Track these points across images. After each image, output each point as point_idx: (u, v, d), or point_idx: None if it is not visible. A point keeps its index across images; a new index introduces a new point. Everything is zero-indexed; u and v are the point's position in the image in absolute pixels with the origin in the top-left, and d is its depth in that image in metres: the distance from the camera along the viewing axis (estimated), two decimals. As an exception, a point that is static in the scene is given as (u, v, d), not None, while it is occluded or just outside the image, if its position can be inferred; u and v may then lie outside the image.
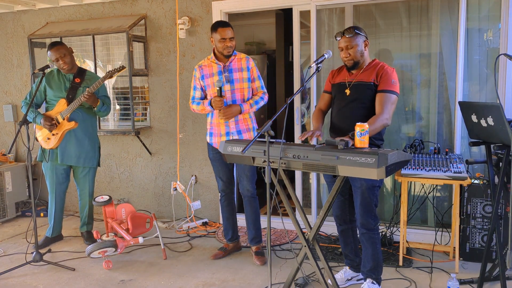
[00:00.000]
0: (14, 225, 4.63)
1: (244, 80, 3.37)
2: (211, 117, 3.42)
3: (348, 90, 2.79)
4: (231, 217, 3.62)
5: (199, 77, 3.38)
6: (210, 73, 3.36)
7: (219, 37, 3.26)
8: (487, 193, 3.25)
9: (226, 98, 3.31)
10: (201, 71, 3.38)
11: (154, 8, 4.45)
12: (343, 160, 2.20)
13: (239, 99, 3.35)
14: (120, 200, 4.80)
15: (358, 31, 2.73)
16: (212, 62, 3.37)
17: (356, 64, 2.77)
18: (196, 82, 3.41)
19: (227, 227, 3.63)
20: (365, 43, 2.76)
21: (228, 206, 3.60)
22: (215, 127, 3.41)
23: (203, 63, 3.41)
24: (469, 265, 3.31)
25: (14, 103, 5.15)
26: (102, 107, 3.77)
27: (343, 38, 2.74)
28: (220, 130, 3.39)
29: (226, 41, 3.26)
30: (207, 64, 3.38)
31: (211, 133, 3.44)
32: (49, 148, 3.78)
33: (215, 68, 3.35)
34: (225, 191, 3.56)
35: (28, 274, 3.40)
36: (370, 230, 2.76)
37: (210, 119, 3.43)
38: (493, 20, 3.52)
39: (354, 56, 2.74)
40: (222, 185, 3.55)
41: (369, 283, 2.82)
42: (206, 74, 3.37)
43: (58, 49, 3.68)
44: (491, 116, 2.46)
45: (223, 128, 3.38)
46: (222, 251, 3.62)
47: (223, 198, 3.59)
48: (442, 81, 3.73)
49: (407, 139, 3.88)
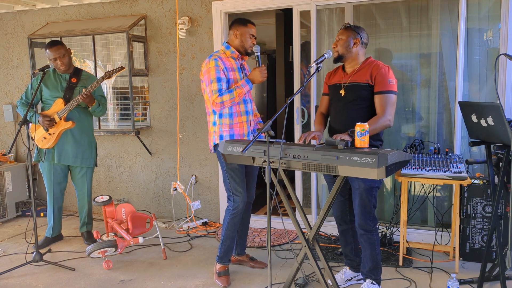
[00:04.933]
0: (14, 225, 4.63)
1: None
2: (229, 116, 3.02)
3: (342, 91, 2.79)
4: (235, 237, 3.22)
5: (223, 68, 2.98)
6: (231, 67, 3.04)
7: (249, 32, 3.07)
8: (487, 193, 3.25)
9: (247, 96, 3.11)
10: (223, 63, 3.00)
11: (154, 8, 4.45)
12: (343, 160, 2.20)
13: (251, 98, 3.19)
14: (120, 200, 4.80)
15: (353, 28, 2.77)
16: (229, 57, 3.08)
17: (340, 58, 2.79)
18: (221, 72, 2.96)
19: (230, 247, 3.19)
20: (356, 40, 2.75)
21: (238, 225, 3.15)
22: (237, 127, 3.04)
23: (222, 55, 3.05)
24: (469, 265, 3.31)
25: (14, 103, 5.15)
26: (98, 108, 3.77)
27: (340, 31, 2.81)
28: (243, 129, 3.06)
29: (253, 39, 3.10)
30: (224, 58, 3.05)
31: (232, 135, 3.03)
32: (45, 148, 3.77)
33: (234, 64, 3.08)
34: (244, 205, 3.08)
35: (28, 274, 3.40)
36: (369, 232, 2.75)
37: (230, 120, 3.02)
38: (493, 20, 3.52)
39: (339, 49, 2.77)
40: (243, 196, 3.05)
41: (368, 283, 2.82)
42: (229, 68, 3.03)
43: (58, 49, 3.68)
44: (491, 116, 2.46)
45: (245, 127, 3.09)
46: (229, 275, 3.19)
47: (238, 216, 3.08)
48: (442, 81, 3.73)
49: (407, 139, 3.89)
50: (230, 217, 3.09)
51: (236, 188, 3.04)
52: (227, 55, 3.09)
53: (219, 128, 3.05)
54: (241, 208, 3.07)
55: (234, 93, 2.95)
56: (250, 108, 3.16)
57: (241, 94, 2.97)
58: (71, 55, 3.82)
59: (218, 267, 3.19)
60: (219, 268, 3.19)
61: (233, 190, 3.05)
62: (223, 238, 3.15)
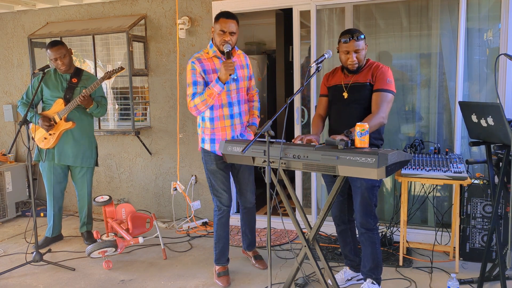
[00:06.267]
0: (14, 225, 4.63)
1: (245, 78, 3.10)
2: (210, 121, 2.98)
3: (345, 93, 2.78)
4: (228, 236, 3.20)
5: (200, 71, 2.90)
6: (213, 68, 2.93)
7: (219, 27, 2.87)
8: (487, 193, 3.25)
9: (232, 98, 2.99)
10: (201, 65, 2.91)
11: (154, 8, 4.45)
12: (343, 160, 2.20)
13: (242, 99, 3.07)
14: (120, 200, 4.80)
15: (362, 36, 2.69)
16: (213, 57, 2.96)
17: (359, 68, 2.76)
18: (197, 76, 2.90)
19: (225, 248, 3.20)
20: (366, 46, 2.77)
21: (227, 224, 3.17)
22: (219, 132, 3.00)
23: (201, 57, 2.95)
24: (469, 265, 3.31)
25: (14, 103, 5.15)
26: (96, 109, 3.76)
27: (352, 42, 2.66)
28: (225, 134, 3.00)
29: (225, 35, 2.86)
30: (206, 58, 2.95)
31: (213, 139, 3.01)
32: (45, 148, 3.77)
33: (218, 63, 2.95)
34: (228, 205, 3.13)
35: (28, 274, 3.40)
36: (370, 230, 2.76)
37: (211, 124, 2.99)
38: (493, 20, 3.52)
39: (360, 60, 2.72)
40: (226, 199, 3.10)
41: (368, 283, 2.82)
42: (208, 70, 2.92)
43: (59, 49, 3.67)
44: (491, 116, 2.46)
45: (229, 131, 3.00)
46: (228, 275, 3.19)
47: (226, 215, 3.13)
48: (442, 81, 3.73)
49: (407, 139, 3.88)
50: (216, 218, 3.15)
51: (216, 189, 3.10)
52: (210, 55, 2.97)
53: (202, 131, 3.06)
54: (224, 209, 3.12)
55: (205, 95, 2.84)
56: (238, 111, 3.04)
57: (211, 95, 2.82)
58: (72, 55, 3.82)
59: (217, 268, 3.20)
60: (218, 269, 3.20)
61: (214, 191, 3.12)
62: (215, 239, 3.19)
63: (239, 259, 3.57)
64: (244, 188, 3.26)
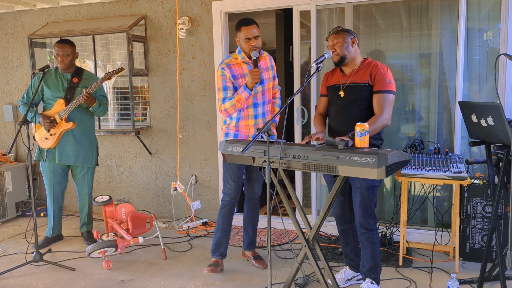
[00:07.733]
0: (14, 225, 4.64)
1: (271, 79, 3.25)
2: (236, 120, 3.16)
3: (342, 92, 2.79)
4: (228, 229, 3.31)
5: (230, 76, 3.07)
6: (241, 73, 3.09)
7: (244, 36, 3.00)
8: (487, 193, 3.25)
9: (258, 99, 3.14)
10: (231, 71, 3.07)
11: (154, 8, 4.45)
12: (343, 160, 2.20)
13: (267, 100, 3.22)
14: (120, 200, 4.80)
15: (344, 29, 2.80)
16: (241, 62, 3.11)
17: (343, 60, 2.78)
18: (227, 81, 3.06)
19: (222, 241, 3.30)
20: (352, 40, 2.78)
21: (229, 217, 3.28)
22: (243, 130, 3.17)
23: (230, 62, 3.11)
24: (469, 265, 3.31)
25: (14, 103, 5.15)
26: (99, 108, 3.76)
27: (330, 37, 2.80)
28: (249, 132, 3.16)
29: (251, 41, 3.00)
30: (235, 64, 3.11)
31: (236, 135, 3.18)
32: (46, 148, 3.77)
33: (246, 68, 3.10)
34: (232, 197, 3.24)
35: (28, 274, 3.40)
36: (369, 230, 2.76)
37: (236, 122, 3.16)
38: (493, 20, 3.52)
39: (339, 51, 2.76)
40: (232, 190, 3.22)
41: (368, 283, 2.82)
42: (237, 75, 3.09)
43: (64, 47, 3.68)
44: (491, 116, 2.46)
45: (252, 130, 3.16)
46: (216, 266, 3.29)
47: (228, 206, 3.25)
48: (442, 81, 3.73)
49: (407, 139, 3.89)
50: (220, 207, 3.30)
51: (227, 179, 3.24)
52: (238, 60, 3.13)
53: (226, 127, 3.24)
54: (228, 200, 3.25)
55: (234, 100, 3.03)
56: (261, 111, 3.19)
57: (240, 100, 3.01)
58: (76, 58, 3.81)
59: (211, 260, 3.34)
60: (211, 260, 3.34)
61: (224, 181, 3.26)
62: (215, 230, 3.33)
63: (239, 259, 3.57)
64: (253, 178, 3.31)
